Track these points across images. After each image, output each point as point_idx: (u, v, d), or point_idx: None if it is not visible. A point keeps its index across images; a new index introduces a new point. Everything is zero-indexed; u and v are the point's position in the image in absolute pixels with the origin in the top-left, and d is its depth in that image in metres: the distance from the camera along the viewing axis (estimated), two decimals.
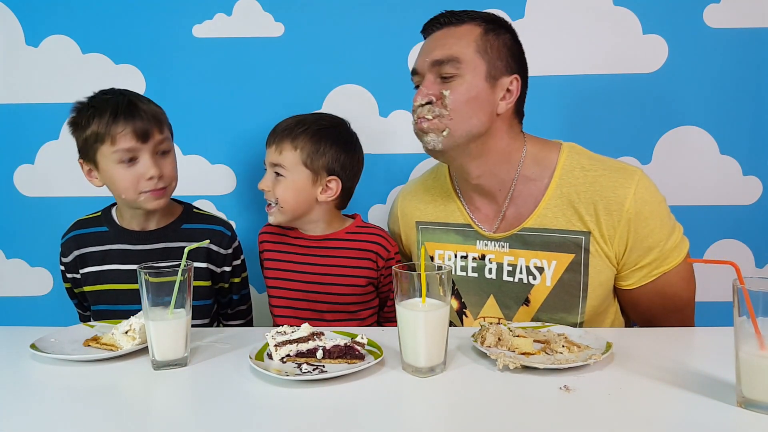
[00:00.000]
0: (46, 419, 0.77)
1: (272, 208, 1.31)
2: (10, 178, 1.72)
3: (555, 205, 1.15)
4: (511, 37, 1.16)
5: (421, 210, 1.33)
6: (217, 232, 1.33)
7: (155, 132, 1.22)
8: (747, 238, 1.65)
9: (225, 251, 1.34)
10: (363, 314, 1.35)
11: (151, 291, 0.92)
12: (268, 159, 1.31)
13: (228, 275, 1.36)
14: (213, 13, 1.66)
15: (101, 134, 1.19)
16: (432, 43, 1.15)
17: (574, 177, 1.14)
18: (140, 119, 1.20)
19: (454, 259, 1.25)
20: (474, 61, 1.10)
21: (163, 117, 1.27)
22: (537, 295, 1.16)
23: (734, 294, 0.75)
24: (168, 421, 0.77)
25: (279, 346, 0.92)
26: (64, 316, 1.75)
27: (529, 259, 1.16)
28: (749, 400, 0.75)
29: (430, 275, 0.88)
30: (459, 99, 1.09)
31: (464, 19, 1.13)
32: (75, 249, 1.31)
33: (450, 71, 1.10)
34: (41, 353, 0.95)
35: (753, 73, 1.60)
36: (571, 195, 1.14)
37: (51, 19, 1.67)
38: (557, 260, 1.14)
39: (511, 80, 1.13)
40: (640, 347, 0.98)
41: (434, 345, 0.87)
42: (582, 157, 1.17)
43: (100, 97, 1.24)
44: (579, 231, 1.13)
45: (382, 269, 1.34)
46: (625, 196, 1.10)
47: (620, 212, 1.10)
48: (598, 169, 1.14)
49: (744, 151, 1.63)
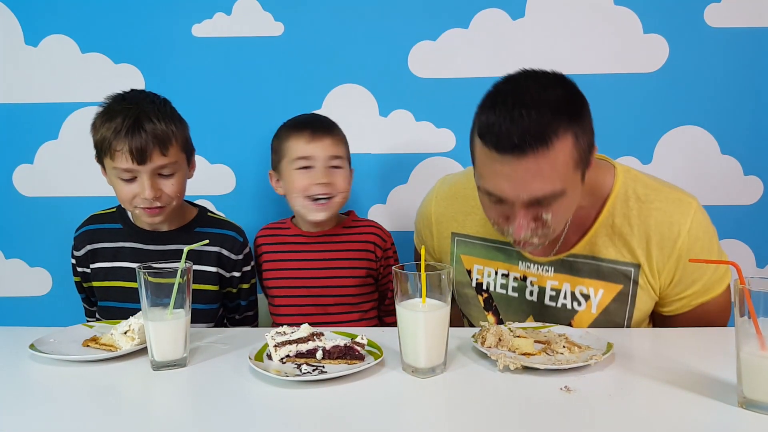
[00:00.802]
0: (46, 419, 0.77)
1: (329, 203, 1.29)
2: (9, 178, 1.72)
3: (605, 233, 1.10)
4: (587, 107, 1.01)
5: (459, 221, 1.25)
6: (229, 238, 1.32)
7: (155, 155, 1.17)
8: (748, 238, 1.65)
9: (236, 257, 1.32)
10: (365, 306, 1.37)
11: (150, 291, 0.91)
12: (319, 151, 1.28)
13: (237, 280, 1.34)
14: (212, 13, 1.65)
15: (105, 146, 1.19)
16: (521, 174, 0.94)
17: (628, 208, 1.09)
18: (140, 139, 1.15)
19: (494, 276, 1.20)
20: (574, 177, 0.98)
21: (170, 137, 1.20)
22: (581, 320, 1.13)
23: (735, 294, 0.75)
24: (168, 422, 0.77)
25: (279, 347, 0.92)
26: (63, 316, 1.75)
27: (575, 286, 1.13)
28: (750, 401, 0.74)
29: (430, 275, 0.88)
30: (562, 214, 1.02)
31: (551, 136, 0.92)
32: (88, 243, 1.31)
33: (552, 201, 0.97)
34: (40, 353, 0.94)
35: (754, 72, 1.60)
36: (624, 226, 1.09)
37: (50, 18, 1.67)
38: (605, 289, 1.11)
39: (593, 155, 1.03)
40: (640, 347, 0.98)
41: (434, 345, 0.87)
42: (638, 185, 1.11)
43: (119, 105, 1.22)
44: (629, 263, 1.09)
45: (381, 259, 1.37)
46: (679, 233, 1.06)
47: (672, 248, 1.07)
48: (654, 200, 1.09)
49: (745, 151, 1.63)
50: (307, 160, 1.28)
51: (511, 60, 1.64)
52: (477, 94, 1.64)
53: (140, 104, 1.21)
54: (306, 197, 1.28)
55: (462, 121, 1.66)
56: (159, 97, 1.26)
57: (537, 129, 0.91)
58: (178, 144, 1.22)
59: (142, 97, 1.23)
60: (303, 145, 1.28)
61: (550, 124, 0.91)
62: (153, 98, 1.24)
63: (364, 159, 1.65)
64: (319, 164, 1.28)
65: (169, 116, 1.22)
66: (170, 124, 1.21)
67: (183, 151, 1.25)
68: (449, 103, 1.66)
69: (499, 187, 0.97)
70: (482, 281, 1.22)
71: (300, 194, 1.28)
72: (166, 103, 1.26)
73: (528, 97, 0.93)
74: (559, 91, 0.96)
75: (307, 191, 1.28)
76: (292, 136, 1.30)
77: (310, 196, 1.28)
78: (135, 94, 1.24)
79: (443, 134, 1.68)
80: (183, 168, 1.25)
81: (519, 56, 1.64)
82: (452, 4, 1.63)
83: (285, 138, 1.32)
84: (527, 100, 0.92)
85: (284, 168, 1.31)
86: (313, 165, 1.28)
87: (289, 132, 1.32)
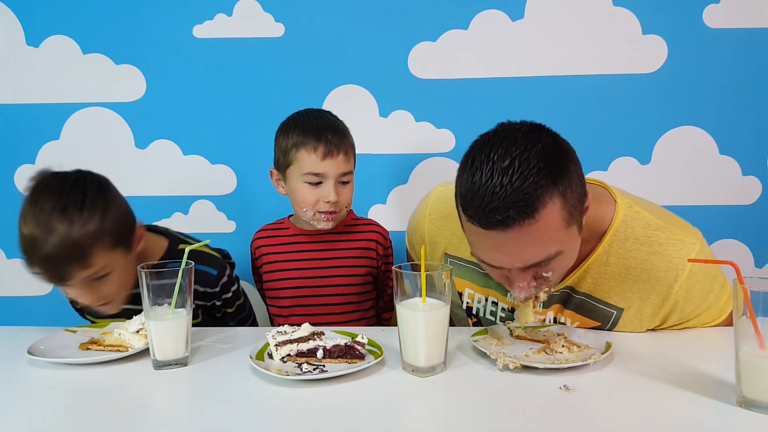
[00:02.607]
0: (46, 419, 0.77)
1: (335, 216, 1.27)
2: (10, 178, 1.72)
3: (596, 272, 1.04)
4: (571, 155, 0.94)
5: (453, 244, 1.20)
6: (203, 274, 1.24)
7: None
8: (746, 238, 1.65)
9: (212, 290, 1.27)
10: (365, 305, 1.37)
11: (151, 291, 0.92)
12: (331, 169, 1.24)
13: (219, 307, 1.31)
14: (213, 14, 1.66)
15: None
16: (511, 244, 0.90)
17: (626, 249, 1.03)
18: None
19: (484, 303, 1.17)
20: (568, 234, 0.92)
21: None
22: None
23: (734, 294, 0.75)
24: (168, 421, 0.77)
25: (279, 346, 0.92)
26: (64, 317, 1.75)
27: (556, 314, 1.10)
28: (749, 400, 0.75)
29: (430, 275, 0.88)
30: (563, 268, 0.98)
31: (536, 207, 0.86)
32: None
33: (549, 262, 0.92)
34: (42, 359, 0.94)
35: (752, 73, 1.60)
36: (618, 269, 1.03)
37: (51, 19, 1.67)
38: (581, 322, 1.08)
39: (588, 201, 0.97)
40: (640, 347, 0.98)
41: (434, 345, 0.87)
42: (637, 225, 1.03)
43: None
44: (613, 306, 1.05)
45: (382, 257, 1.37)
46: (677, 277, 1.00)
47: (668, 294, 1.02)
48: (653, 243, 1.02)
49: (743, 151, 1.63)
50: (317, 176, 1.24)
51: (511, 61, 1.65)
52: (477, 95, 1.66)
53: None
54: (312, 210, 1.27)
55: (462, 122, 1.68)
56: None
57: (520, 202, 0.84)
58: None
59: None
60: (316, 162, 1.23)
61: (533, 193, 0.84)
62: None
63: (364, 159, 1.65)
64: (329, 182, 1.24)
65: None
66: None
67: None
68: (449, 104, 1.67)
69: (491, 257, 0.93)
70: (472, 305, 1.19)
71: (308, 206, 1.26)
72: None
73: (507, 163, 0.85)
74: (539, 148, 0.87)
75: (314, 206, 1.26)
76: (305, 148, 1.24)
77: (315, 209, 1.26)
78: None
79: (443, 134, 1.68)
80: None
81: (518, 57, 1.64)
82: (452, 5, 1.64)
83: (296, 146, 1.25)
84: (506, 166, 0.85)
85: (291, 176, 1.27)
86: (323, 181, 1.25)
87: (302, 141, 1.25)
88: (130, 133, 1.71)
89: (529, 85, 1.65)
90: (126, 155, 1.69)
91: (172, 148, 1.71)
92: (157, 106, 1.69)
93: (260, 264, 1.38)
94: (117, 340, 1.01)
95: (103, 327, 1.09)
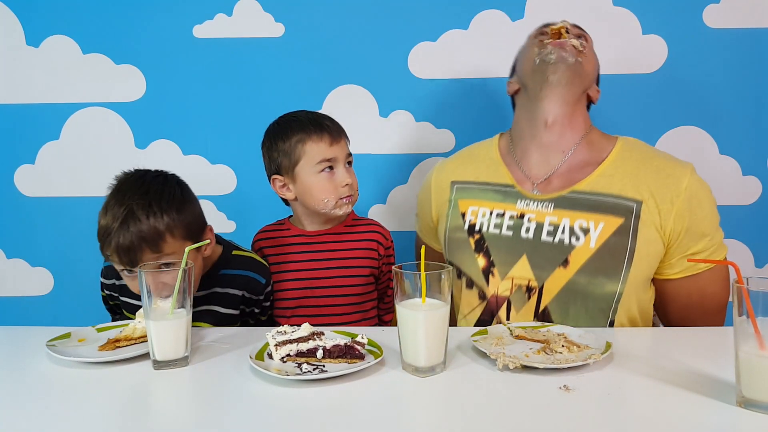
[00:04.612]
0: (45, 419, 0.77)
1: (351, 198, 1.31)
2: (10, 178, 1.72)
3: (611, 174, 1.17)
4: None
5: (459, 171, 1.32)
6: (252, 281, 1.28)
7: None
8: (746, 238, 1.65)
9: (257, 297, 1.30)
10: (367, 305, 1.37)
11: (151, 291, 0.92)
12: (340, 153, 1.29)
13: (256, 314, 1.34)
14: (213, 14, 1.66)
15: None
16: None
17: (633, 153, 1.20)
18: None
19: (488, 216, 1.22)
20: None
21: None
22: (578, 257, 1.13)
23: (734, 294, 0.75)
24: (168, 421, 0.77)
25: (279, 346, 0.92)
26: (64, 316, 1.76)
27: (575, 220, 1.15)
28: (749, 400, 0.75)
29: (430, 275, 0.88)
30: (590, 55, 1.25)
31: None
32: (114, 278, 1.29)
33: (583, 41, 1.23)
34: (60, 357, 0.93)
35: (752, 73, 1.60)
36: (628, 166, 1.17)
37: (51, 19, 1.67)
38: (605, 222, 1.13)
39: (596, 90, 1.31)
40: (640, 347, 0.98)
41: (434, 345, 0.87)
42: (639, 143, 1.24)
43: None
44: (632, 198, 1.14)
45: (383, 257, 1.37)
46: (683, 175, 1.14)
47: (678, 188, 1.13)
48: (655, 156, 1.20)
49: (743, 151, 1.63)
50: (330, 162, 1.28)
51: (511, 61, 1.65)
52: (477, 95, 1.66)
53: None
54: (334, 198, 1.29)
55: (462, 122, 1.68)
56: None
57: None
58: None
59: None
60: (326, 148, 1.27)
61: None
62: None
63: (364, 159, 1.65)
64: (340, 165, 1.29)
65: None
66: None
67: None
68: (449, 104, 1.67)
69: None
70: (475, 222, 1.23)
71: (329, 195, 1.28)
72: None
73: None
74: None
75: (334, 192, 1.28)
76: (311, 140, 1.27)
77: (336, 196, 1.29)
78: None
79: (443, 134, 1.68)
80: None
81: None
82: (452, 4, 1.64)
83: (301, 141, 1.27)
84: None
85: (303, 171, 1.28)
86: (335, 166, 1.29)
87: (305, 135, 1.27)
88: (129, 133, 1.71)
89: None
90: (126, 155, 1.69)
91: (171, 148, 1.71)
92: (157, 106, 1.70)
93: None
94: (143, 330, 1.00)
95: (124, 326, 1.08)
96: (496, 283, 1.19)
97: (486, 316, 1.20)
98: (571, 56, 1.19)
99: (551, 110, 1.21)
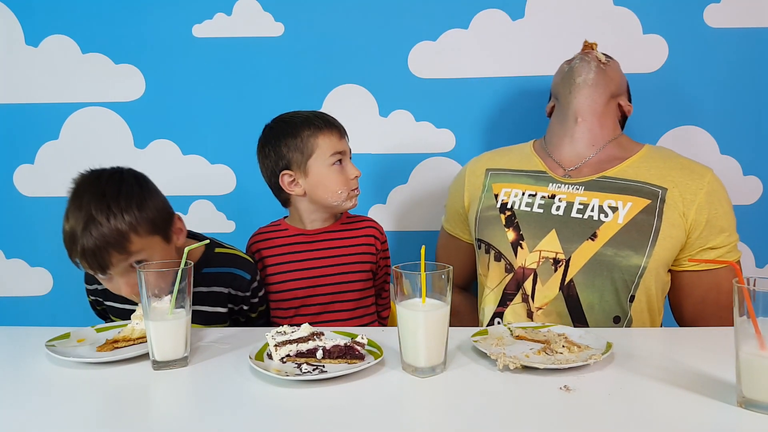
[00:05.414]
0: (45, 419, 0.77)
1: (358, 191, 1.34)
2: (9, 178, 1.72)
3: (638, 165, 1.26)
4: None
5: (494, 161, 1.40)
6: (237, 277, 1.27)
7: None
8: (747, 238, 1.65)
9: (243, 293, 1.29)
10: (367, 302, 1.38)
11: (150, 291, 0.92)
12: (347, 147, 1.33)
13: (245, 312, 1.32)
14: (213, 13, 1.66)
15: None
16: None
17: (660, 152, 1.30)
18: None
19: (521, 196, 1.30)
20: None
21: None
22: (606, 231, 1.19)
23: (734, 294, 0.75)
24: (168, 421, 0.77)
25: (279, 346, 0.92)
26: (64, 316, 1.76)
27: (604, 200, 1.22)
28: (749, 400, 0.75)
29: (430, 275, 0.88)
30: (614, 66, 1.35)
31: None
32: (96, 283, 1.27)
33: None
34: (59, 357, 0.93)
35: (753, 72, 1.60)
36: (656, 160, 1.26)
37: (51, 18, 1.67)
38: (633, 202, 1.20)
39: (627, 103, 1.40)
40: (640, 347, 0.98)
41: (434, 345, 0.87)
42: (665, 148, 1.34)
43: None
44: (658, 185, 1.21)
45: (380, 252, 1.39)
46: (706, 172, 1.23)
47: (701, 182, 1.20)
48: (679, 156, 1.29)
49: (744, 151, 1.63)
50: (340, 154, 1.31)
51: (511, 61, 1.65)
52: (477, 95, 1.66)
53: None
54: (346, 189, 1.31)
55: (462, 122, 1.68)
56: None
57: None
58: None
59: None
60: (336, 141, 1.31)
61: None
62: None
63: (364, 159, 1.65)
64: (347, 159, 1.33)
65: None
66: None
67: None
68: (449, 103, 1.67)
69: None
70: (507, 201, 1.30)
71: (341, 187, 1.30)
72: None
73: None
74: None
75: (346, 184, 1.31)
76: (322, 134, 1.29)
77: (348, 188, 1.32)
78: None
79: (443, 134, 1.68)
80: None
81: (519, 57, 1.64)
82: (452, 4, 1.64)
83: (313, 135, 1.29)
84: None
85: (316, 164, 1.29)
86: (343, 159, 1.32)
87: (317, 129, 1.29)
88: (129, 133, 1.71)
89: (529, 85, 1.65)
90: (125, 155, 1.69)
91: (171, 148, 1.71)
92: (157, 106, 1.69)
93: (260, 267, 1.35)
94: (141, 331, 1.00)
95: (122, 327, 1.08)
96: (524, 255, 1.24)
97: (511, 289, 1.25)
98: (594, 62, 1.30)
99: (581, 108, 1.30)
